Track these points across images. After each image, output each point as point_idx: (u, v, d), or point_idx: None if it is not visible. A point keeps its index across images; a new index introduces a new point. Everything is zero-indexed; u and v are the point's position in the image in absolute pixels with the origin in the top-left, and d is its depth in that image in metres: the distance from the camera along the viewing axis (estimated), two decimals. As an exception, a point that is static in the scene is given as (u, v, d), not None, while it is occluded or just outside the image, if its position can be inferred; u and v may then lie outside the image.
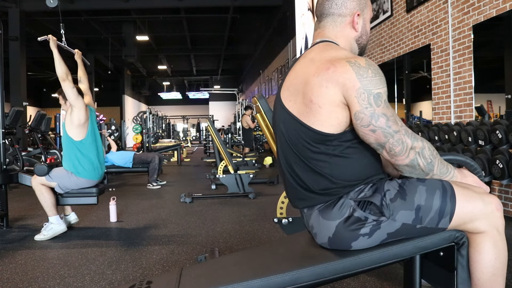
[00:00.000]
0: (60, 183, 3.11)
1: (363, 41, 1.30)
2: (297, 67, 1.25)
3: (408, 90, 5.26)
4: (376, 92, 1.09)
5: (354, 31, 1.27)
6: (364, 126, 1.10)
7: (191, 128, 29.29)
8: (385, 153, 1.13)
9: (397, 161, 1.12)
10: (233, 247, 2.74)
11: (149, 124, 10.06)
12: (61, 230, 3.11)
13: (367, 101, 1.08)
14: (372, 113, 1.08)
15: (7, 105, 4.74)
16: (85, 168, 3.13)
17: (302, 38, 8.58)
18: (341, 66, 1.10)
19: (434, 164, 1.14)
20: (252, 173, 5.05)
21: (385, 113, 1.09)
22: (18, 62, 10.14)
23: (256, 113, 2.69)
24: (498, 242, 1.12)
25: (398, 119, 1.12)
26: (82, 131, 3.13)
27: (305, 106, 1.16)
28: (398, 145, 1.10)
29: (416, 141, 1.11)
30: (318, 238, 1.23)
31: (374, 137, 1.10)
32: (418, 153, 1.11)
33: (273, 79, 13.34)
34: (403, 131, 1.10)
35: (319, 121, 1.14)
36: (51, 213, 3.09)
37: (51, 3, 4.67)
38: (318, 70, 1.13)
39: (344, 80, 1.09)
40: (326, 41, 1.26)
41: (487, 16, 3.58)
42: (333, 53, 1.17)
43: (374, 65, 1.12)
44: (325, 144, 1.16)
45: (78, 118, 3.09)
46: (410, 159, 1.11)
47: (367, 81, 1.08)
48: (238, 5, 10.96)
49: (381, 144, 1.11)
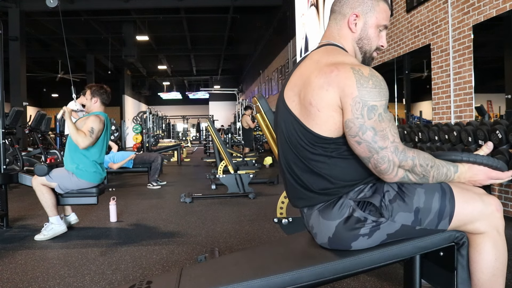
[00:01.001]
0: (60, 183, 3.11)
1: (364, 45, 1.27)
2: (302, 67, 1.24)
3: (408, 90, 5.26)
4: (372, 104, 1.07)
5: (351, 31, 1.26)
6: (351, 136, 1.09)
7: (191, 128, 29.29)
8: (372, 169, 1.12)
9: (386, 179, 1.11)
10: (233, 247, 2.74)
11: (149, 124, 10.07)
12: (61, 231, 3.11)
13: (359, 112, 1.07)
14: (361, 124, 1.07)
15: (7, 105, 4.74)
16: (88, 171, 3.13)
17: (302, 38, 8.57)
18: (344, 71, 1.10)
19: (429, 176, 1.12)
20: (252, 173, 5.05)
21: (375, 127, 1.07)
22: (18, 62, 10.14)
23: (256, 113, 2.69)
24: (498, 242, 1.12)
25: (391, 134, 1.08)
26: (94, 140, 3.16)
27: (305, 108, 1.16)
28: (384, 162, 1.08)
29: (405, 160, 1.08)
30: (318, 238, 1.23)
31: (359, 149, 1.10)
32: (408, 171, 1.10)
33: (273, 79, 13.34)
34: (391, 148, 1.07)
35: (317, 124, 1.14)
36: (51, 213, 3.10)
37: (51, 3, 4.68)
38: (321, 71, 1.13)
39: (344, 86, 1.08)
40: (333, 44, 1.26)
41: (487, 16, 3.58)
42: (340, 58, 1.16)
43: (377, 77, 1.10)
44: (323, 146, 1.16)
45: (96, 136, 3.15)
46: (399, 177, 1.10)
47: (365, 91, 1.07)
48: (238, 5, 10.96)
49: (366, 157, 1.10)
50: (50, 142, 8.34)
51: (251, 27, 14.63)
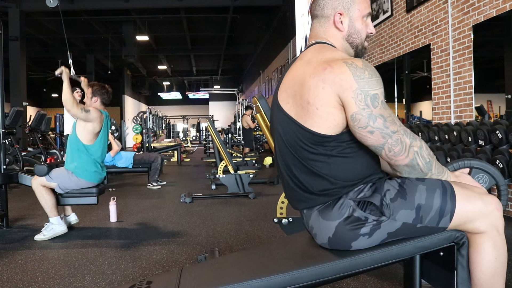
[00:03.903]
0: (60, 183, 3.11)
1: (354, 40, 1.26)
2: (294, 68, 1.24)
3: (408, 90, 5.27)
4: (373, 93, 1.09)
5: (339, 31, 1.25)
6: (362, 128, 1.10)
7: (191, 128, 29.28)
8: (384, 154, 1.13)
9: (397, 161, 1.13)
10: (233, 247, 2.74)
11: (149, 124, 10.06)
12: (61, 231, 3.11)
13: (364, 103, 1.08)
14: (369, 114, 1.08)
15: (7, 105, 4.74)
16: (88, 170, 3.13)
17: (302, 38, 8.58)
18: (338, 67, 1.10)
19: (432, 163, 1.15)
20: (252, 173, 5.05)
21: (383, 114, 1.09)
22: (18, 62, 10.14)
23: (256, 113, 2.69)
24: (498, 242, 1.12)
25: (396, 119, 1.12)
26: (94, 137, 3.17)
27: (302, 108, 1.15)
28: (397, 144, 1.10)
29: (415, 140, 1.12)
30: (318, 239, 1.23)
31: (372, 138, 1.10)
32: (417, 152, 1.12)
33: (273, 79, 13.34)
34: (401, 131, 1.11)
35: (316, 122, 1.14)
36: (51, 214, 3.09)
37: (51, 3, 4.68)
38: (314, 70, 1.13)
39: (341, 81, 1.09)
40: (321, 42, 1.26)
41: (487, 16, 3.58)
42: (330, 55, 1.17)
43: (370, 67, 1.12)
44: (323, 145, 1.16)
45: (93, 127, 3.16)
46: (410, 158, 1.12)
47: (364, 82, 1.08)
48: (238, 5, 10.95)
49: (380, 145, 1.11)
50: (50, 142, 8.34)
51: (251, 27, 14.63)
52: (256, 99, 2.62)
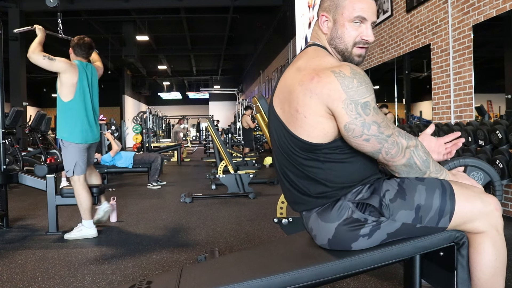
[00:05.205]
0: (68, 163, 2.99)
1: (337, 45, 1.22)
2: (286, 74, 1.24)
3: (408, 90, 5.27)
4: (364, 101, 1.08)
5: (323, 33, 1.25)
6: (357, 137, 1.09)
7: (191, 128, 29.28)
8: (382, 158, 1.13)
9: (394, 162, 1.13)
10: (233, 247, 2.74)
11: (149, 124, 10.06)
12: (90, 235, 3.05)
13: (355, 112, 1.07)
14: (362, 122, 1.08)
15: (7, 105, 4.74)
16: (74, 131, 2.99)
17: (302, 38, 8.58)
18: (325, 77, 1.09)
19: (430, 161, 1.15)
20: (252, 173, 5.05)
21: (376, 120, 1.09)
22: (18, 62, 10.14)
23: (256, 113, 2.69)
24: (497, 242, 1.12)
25: (390, 122, 1.12)
26: (71, 90, 3.00)
27: (291, 115, 1.15)
28: (394, 147, 1.10)
29: (411, 140, 1.12)
30: (318, 240, 1.22)
31: (369, 145, 1.10)
32: (413, 152, 1.12)
33: (273, 79, 13.33)
34: (396, 133, 1.11)
35: (305, 131, 1.13)
36: (85, 216, 3.05)
37: (51, 3, 4.67)
38: (302, 79, 1.13)
39: (329, 91, 1.08)
40: (316, 45, 1.25)
41: (487, 16, 3.58)
42: (318, 61, 1.16)
43: (359, 73, 1.09)
44: (315, 152, 1.15)
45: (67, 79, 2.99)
46: (407, 158, 1.12)
47: (353, 91, 1.07)
48: (238, 5, 10.96)
49: (377, 150, 1.11)
50: (50, 142, 8.34)
51: (251, 27, 14.62)
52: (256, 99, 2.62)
